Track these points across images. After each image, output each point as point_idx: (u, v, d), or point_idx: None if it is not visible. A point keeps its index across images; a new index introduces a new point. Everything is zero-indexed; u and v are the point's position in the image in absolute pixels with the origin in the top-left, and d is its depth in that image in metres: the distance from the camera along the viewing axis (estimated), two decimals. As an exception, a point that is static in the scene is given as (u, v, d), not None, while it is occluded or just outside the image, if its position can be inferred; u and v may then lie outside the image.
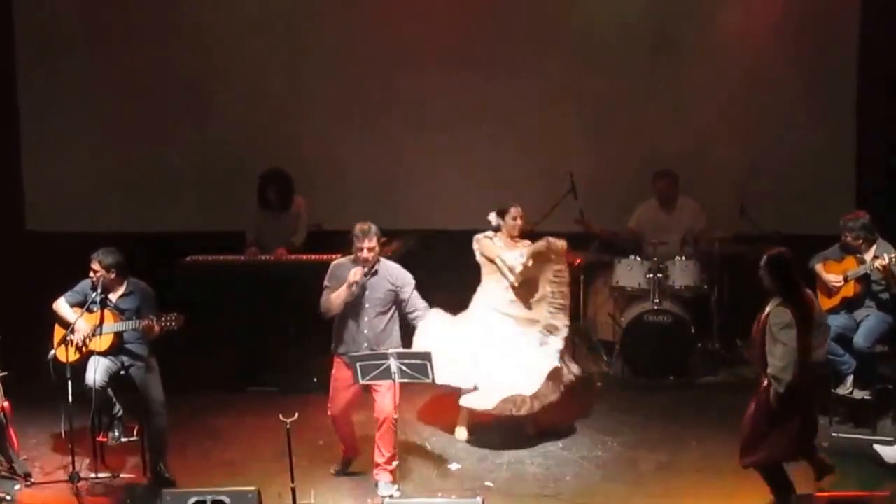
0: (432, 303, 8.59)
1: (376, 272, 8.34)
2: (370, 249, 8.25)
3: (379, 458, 8.29)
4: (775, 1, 11.31)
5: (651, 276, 10.46)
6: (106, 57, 12.09)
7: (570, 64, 11.82)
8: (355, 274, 8.23)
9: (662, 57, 11.63)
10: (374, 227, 8.30)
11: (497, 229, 9.35)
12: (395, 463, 8.29)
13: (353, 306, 8.34)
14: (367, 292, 8.33)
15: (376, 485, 8.30)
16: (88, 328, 8.46)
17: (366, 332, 8.35)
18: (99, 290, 8.46)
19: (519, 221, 9.31)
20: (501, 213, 9.31)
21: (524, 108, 11.83)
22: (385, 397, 8.18)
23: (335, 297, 8.30)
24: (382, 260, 8.46)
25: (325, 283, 8.43)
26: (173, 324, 8.40)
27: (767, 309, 7.77)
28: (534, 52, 11.84)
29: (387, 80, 11.98)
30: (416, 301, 8.48)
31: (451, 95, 11.90)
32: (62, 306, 8.64)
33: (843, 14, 11.42)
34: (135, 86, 12.09)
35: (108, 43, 12.07)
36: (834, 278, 9.44)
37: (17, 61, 12.30)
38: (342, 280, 8.29)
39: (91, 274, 8.53)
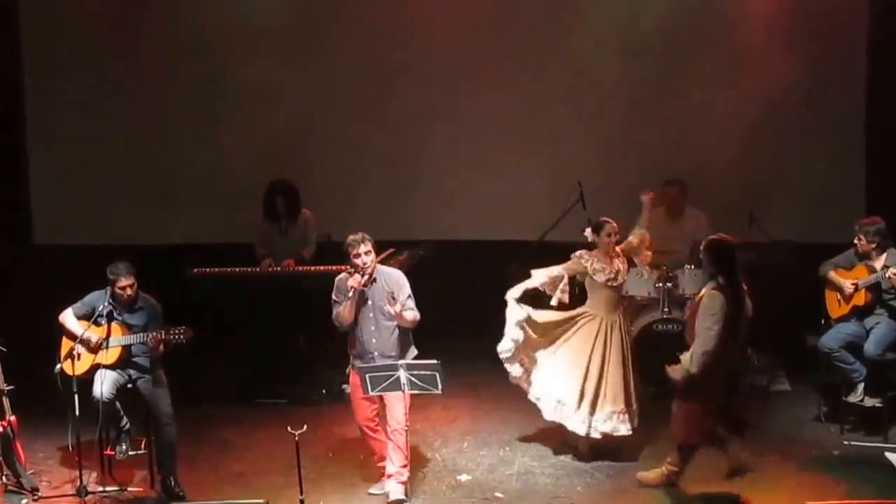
0: (442, 312, 8.53)
1: (375, 280, 8.35)
2: (366, 253, 8.25)
3: (391, 469, 8.29)
4: (782, 10, 11.27)
5: (660, 285, 10.43)
6: (113, 69, 12.10)
7: (579, 74, 11.80)
8: (353, 280, 8.24)
9: (671, 66, 11.62)
10: (366, 236, 8.31)
11: (593, 246, 9.19)
12: (406, 473, 8.28)
13: (361, 316, 8.36)
14: (369, 301, 8.35)
15: (387, 495, 8.28)
16: (97, 338, 8.45)
17: (374, 340, 8.35)
18: (113, 305, 8.43)
19: (614, 238, 9.16)
20: (597, 230, 9.16)
21: (533, 119, 11.83)
22: (396, 407, 8.19)
23: (343, 309, 8.32)
24: (379, 267, 8.47)
25: (333, 297, 8.43)
26: (182, 337, 8.36)
27: (702, 291, 8.12)
28: (543, 64, 11.84)
29: (395, 90, 11.98)
30: (412, 307, 8.42)
31: (460, 106, 11.92)
32: (69, 318, 8.61)
33: (851, 20, 11.39)
34: (142, 97, 12.11)
35: (115, 55, 12.08)
36: (848, 283, 9.41)
37: (24, 73, 12.31)
38: (346, 292, 8.30)
39: (120, 291, 8.44)
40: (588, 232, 9.20)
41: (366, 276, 8.27)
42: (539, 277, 9.10)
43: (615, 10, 11.66)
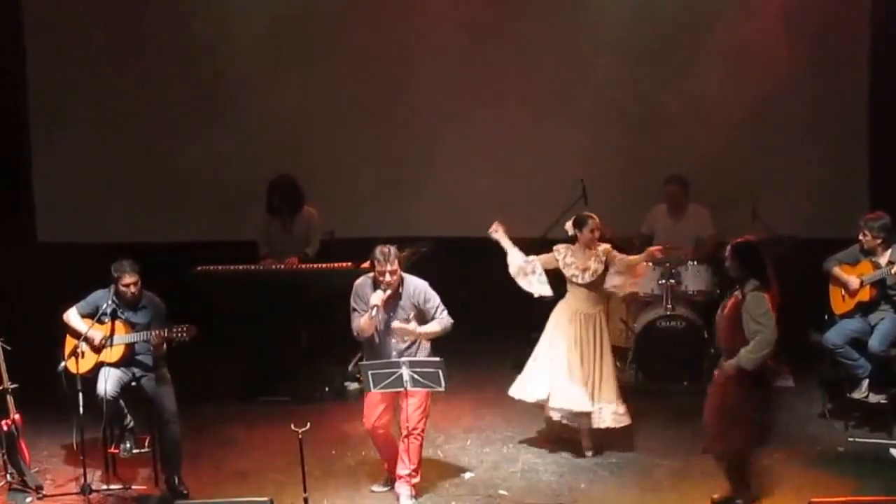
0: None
1: (399, 295, 8.20)
2: (392, 273, 8.09)
3: (402, 470, 8.22)
4: (786, 9, 11.25)
5: (664, 281, 10.42)
6: (116, 67, 12.12)
7: (582, 71, 11.80)
8: (376, 298, 8.09)
9: (673, 63, 11.60)
10: (394, 250, 8.12)
11: (573, 240, 9.13)
12: (417, 477, 8.26)
13: (382, 328, 8.21)
14: (391, 312, 8.21)
15: (398, 498, 8.25)
16: (101, 336, 8.46)
17: (393, 353, 8.21)
18: (117, 303, 8.43)
19: (596, 234, 9.07)
20: (579, 225, 9.05)
21: (536, 115, 11.82)
22: (412, 411, 8.05)
23: (364, 322, 8.16)
24: (406, 277, 8.30)
25: (352, 305, 8.28)
26: (185, 335, 8.36)
27: (738, 294, 7.79)
28: (545, 60, 11.83)
29: (397, 87, 11.98)
30: (441, 317, 8.30)
31: (462, 103, 11.90)
32: (73, 317, 8.62)
33: (855, 18, 11.38)
34: (145, 96, 12.12)
35: (118, 54, 12.09)
36: (853, 279, 9.39)
37: (28, 72, 12.32)
38: (367, 300, 8.15)
39: (124, 288, 8.44)
40: (569, 225, 9.15)
41: (388, 293, 8.12)
42: (512, 264, 9.10)
43: (616, 9, 11.65)
